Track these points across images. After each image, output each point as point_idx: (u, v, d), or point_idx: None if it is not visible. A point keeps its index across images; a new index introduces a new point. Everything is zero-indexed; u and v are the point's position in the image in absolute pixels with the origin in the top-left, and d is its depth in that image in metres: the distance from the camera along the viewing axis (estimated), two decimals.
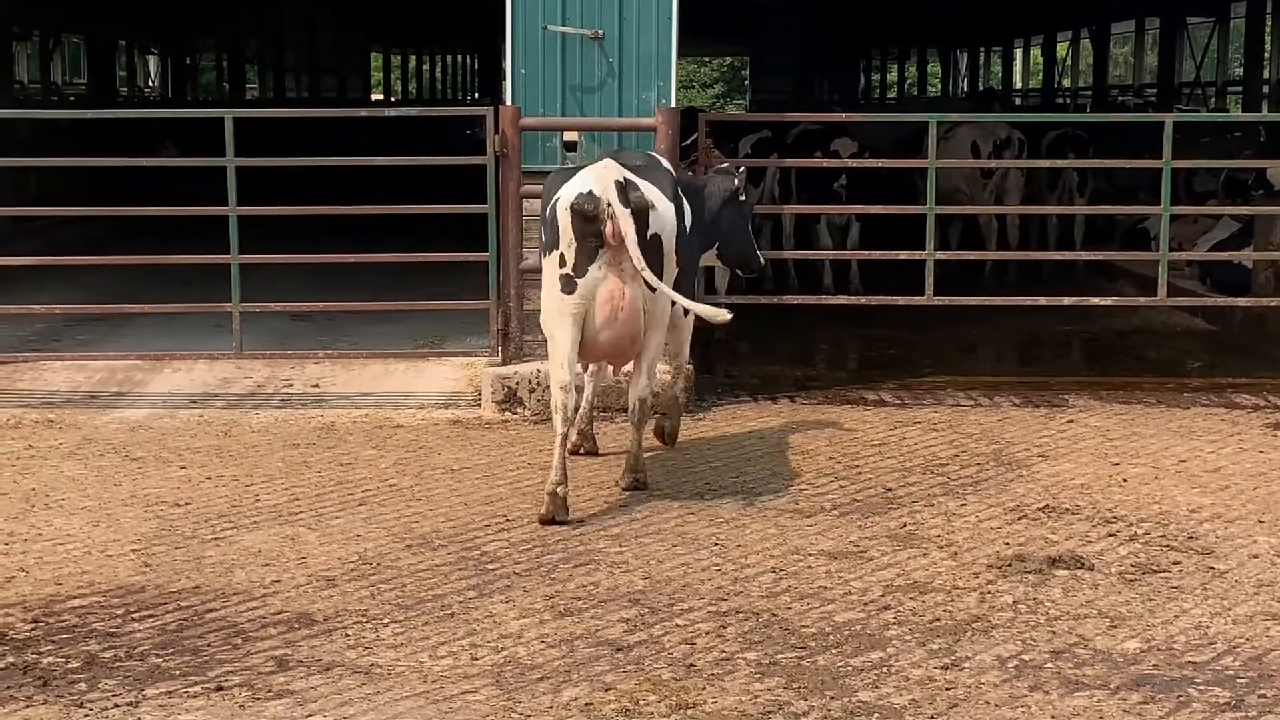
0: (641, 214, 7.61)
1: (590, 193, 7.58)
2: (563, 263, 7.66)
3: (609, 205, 7.52)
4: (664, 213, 7.80)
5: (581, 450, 8.63)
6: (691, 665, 5.64)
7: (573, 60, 9.96)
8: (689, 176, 9.13)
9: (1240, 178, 14.46)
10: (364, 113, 14.72)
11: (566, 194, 7.68)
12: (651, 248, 7.63)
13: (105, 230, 14.87)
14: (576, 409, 8.20)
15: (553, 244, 7.70)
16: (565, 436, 7.67)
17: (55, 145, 13.09)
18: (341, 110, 21.35)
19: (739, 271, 9.44)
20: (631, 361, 8.06)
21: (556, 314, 7.71)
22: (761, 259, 9.10)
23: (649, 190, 7.76)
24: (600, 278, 7.61)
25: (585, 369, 8.45)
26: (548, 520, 7.35)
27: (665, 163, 8.59)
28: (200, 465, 8.46)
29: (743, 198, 8.83)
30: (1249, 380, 10.72)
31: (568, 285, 7.64)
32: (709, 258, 8.95)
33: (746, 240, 8.90)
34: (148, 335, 11.29)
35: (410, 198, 10.57)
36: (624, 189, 7.59)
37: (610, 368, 8.70)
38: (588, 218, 7.56)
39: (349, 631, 5.96)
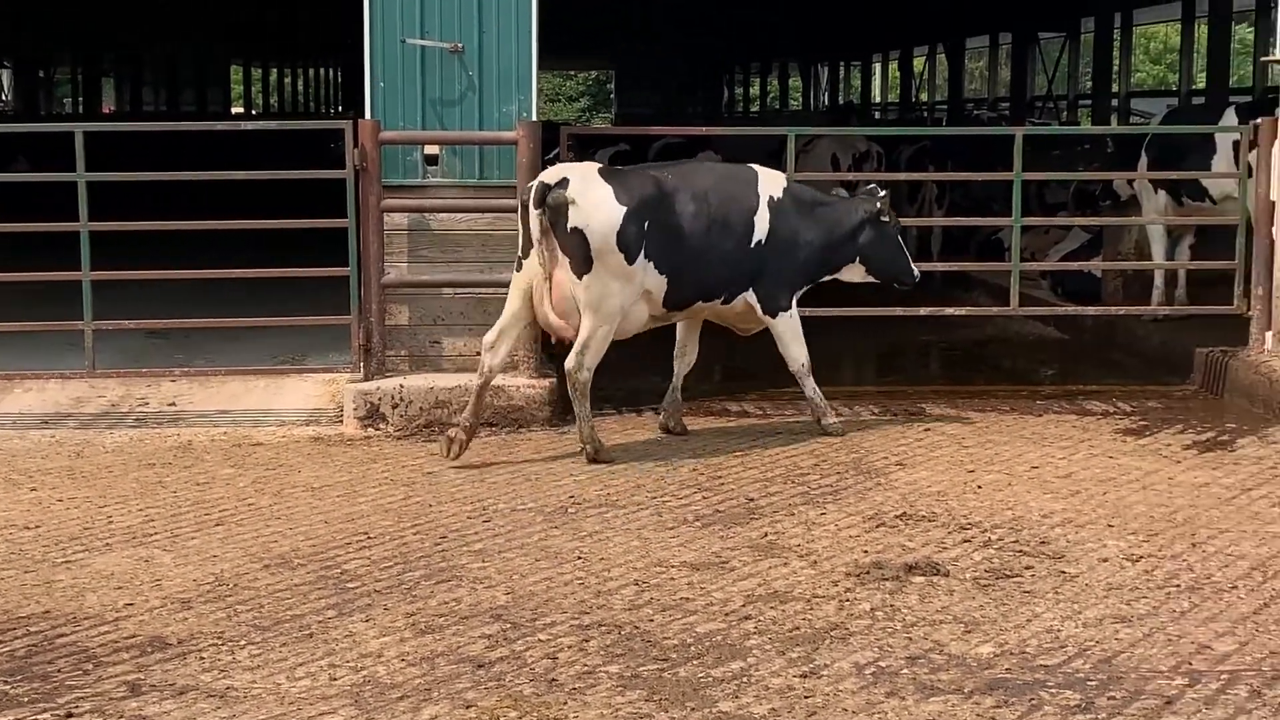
0: (558, 209, 8.60)
1: (542, 188, 8.67)
2: (519, 248, 8.79)
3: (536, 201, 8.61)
4: (593, 210, 8.65)
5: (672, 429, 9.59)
6: (553, 680, 5.64)
7: (432, 73, 9.93)
8: (809, 193, 9.72)
9: (1089, 189, 14.80)
10: (221, 126, 14.54)
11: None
12: (572, 240, 8.64)
13: None
14: (490, 369, 8.95)
15: None
16: (479, 389, 8.88)
17: None
18: (197, 124, 21.09)
19: (895, 285, 9.96)
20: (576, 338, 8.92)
21: (510, 286, 8.88)
22: (916, 272, 9.82)
23: (585, 188, 8.66)
24: (536, 260, 8.66)
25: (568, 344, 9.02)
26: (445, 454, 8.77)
27: (726, 171, 9.52)
28: (51, 487, 8.30)
29: (884, 218, 9.58)
30: (1099, 387, 10.98)
31: (517, 264, 8.82)
32: (855, 273, 9.73)
33: (896, 256, 9.72)
34: None
35: (276, 213, 10.46)
36: (544, 187, 8.63)
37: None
38: (525, 207, 8.71)
39: (204, 654, 5.88)
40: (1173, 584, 6.66)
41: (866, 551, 7.12)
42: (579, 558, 7.06)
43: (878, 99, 41.97)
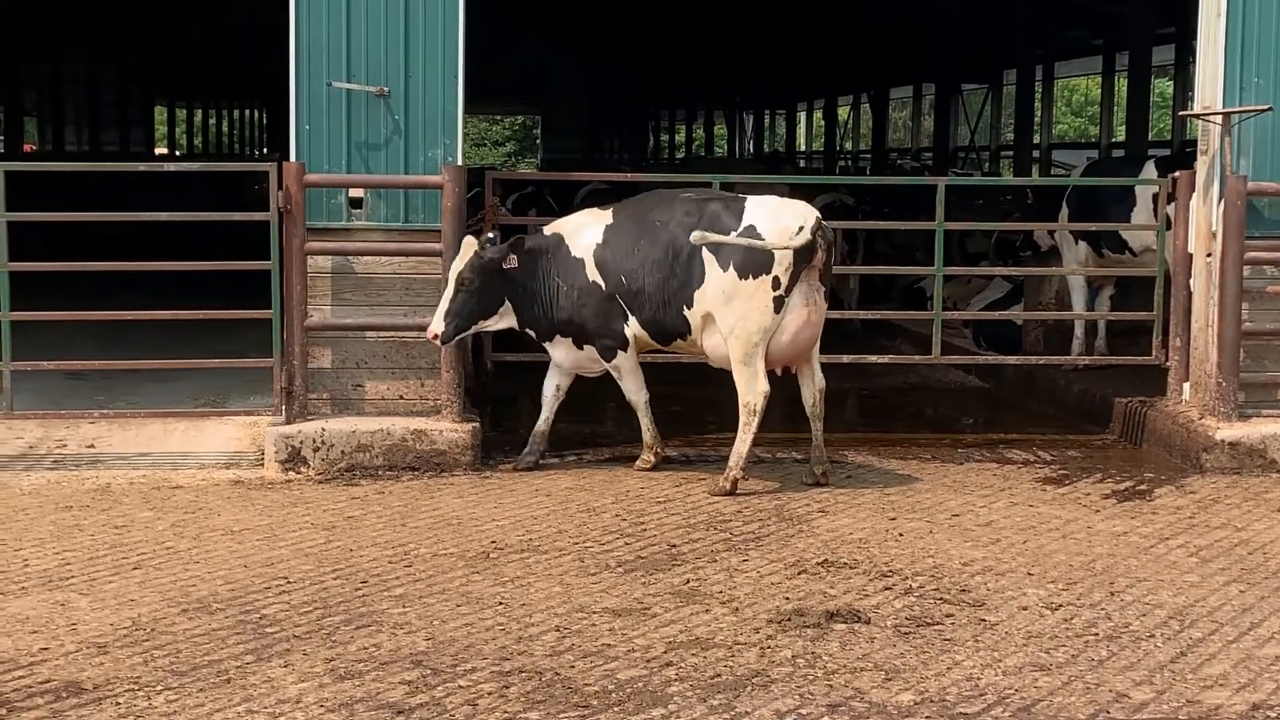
0: (832, 242, 9.34)
1: (819, 224, 9.09)
2: (776, 285, 9.01)
3: (822, 235, 9.11)
4: None
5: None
6: None
7: (358, 117, 9.91)
8: None
9: (1010, 239, 14.97)
10: (143, 167, 14.41)
11: (779, 221, 9.04)
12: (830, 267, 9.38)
13: None
14: None
15: (763, 268, 8.97)
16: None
17: None
18: (119, 165, 20.90)
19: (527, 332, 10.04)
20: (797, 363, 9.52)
21: (764, 332, 9.05)
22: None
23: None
24: (799, 295, 9.13)
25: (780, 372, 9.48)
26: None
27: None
28: None
29: (505, 265, 9.57)
30: (1020, 436, 11.09)
31: (777, 306, 9.03)
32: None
33: (527, 304, 9.81)
34: None
35: (199, 254, 10.36)
36: (819, 220, 9.15)
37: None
38: (813, 248, 9.06)
39: (120, 700, 5.80)
40: (1091, 632, 6.72)
41: (788, 598, 7.13)
42: (500, 603, 7.03)
43: (802, 147, 42.33)
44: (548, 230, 9.78)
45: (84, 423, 10.23)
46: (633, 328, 9.51)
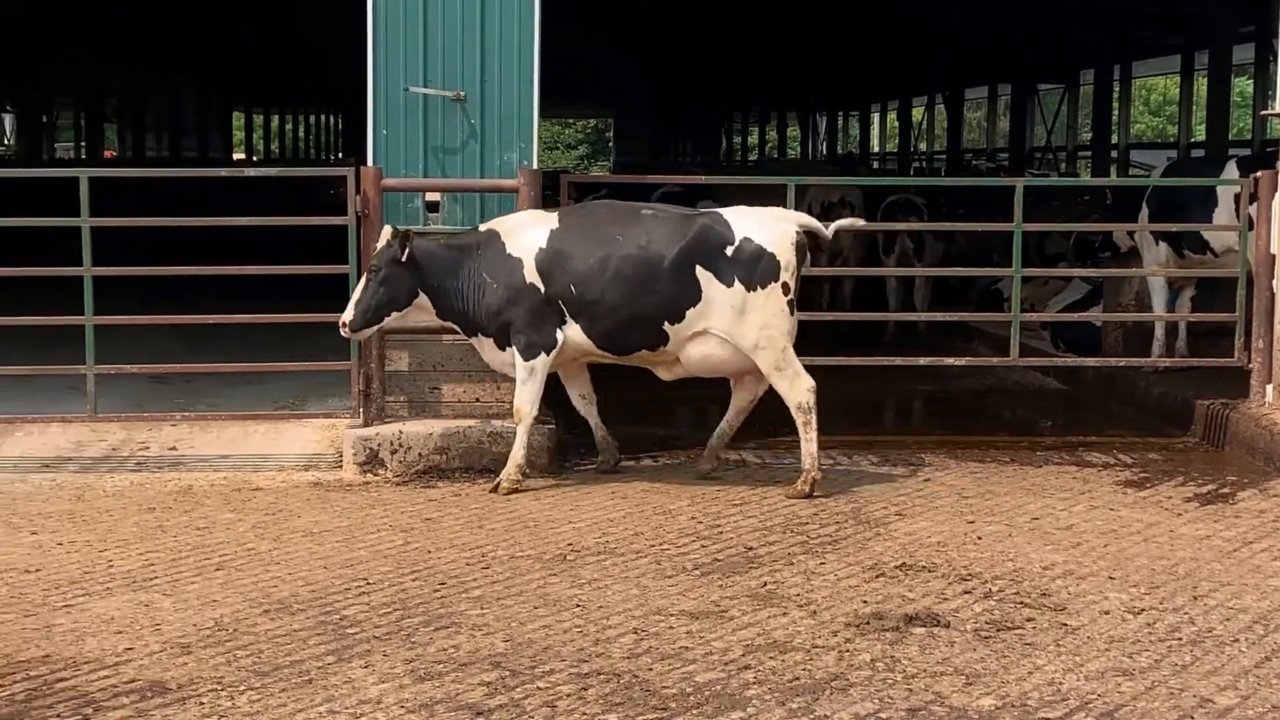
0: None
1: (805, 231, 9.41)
2: (786, 290, 9.21)
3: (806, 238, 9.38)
4: None
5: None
6: None
7: (435, 121, 9.97)
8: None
9: (1089, 240, 14.84)
10: (224, 173, 14.55)
11: (777, 228, 9.24)
12: None
13: None
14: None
15: (770, 276, 9.17)
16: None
17: None
18: (200, 170, 21.16)
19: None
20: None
21: (787, 335, 9.22)
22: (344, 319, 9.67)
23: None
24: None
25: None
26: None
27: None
28: (52, 530, 8.28)
29: (401, 259, 9.40)
30: (1099, 439, 10.98)
31: (792, 308, 9.25)
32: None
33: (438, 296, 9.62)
34: None
35: (277, 258, 10.47)
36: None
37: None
38: (805, 251, 9.38)
39: (203, 700, 5.86)
40: (1175, 637, 6.65)
41: (866, 602, 7.10)
42: (578, 605, 7.04)
43: (876, 148, 42.17)
44: (481, 227, 9.53)
45: (166, 425, 10.36)
46: (569, 332, 9.23)
